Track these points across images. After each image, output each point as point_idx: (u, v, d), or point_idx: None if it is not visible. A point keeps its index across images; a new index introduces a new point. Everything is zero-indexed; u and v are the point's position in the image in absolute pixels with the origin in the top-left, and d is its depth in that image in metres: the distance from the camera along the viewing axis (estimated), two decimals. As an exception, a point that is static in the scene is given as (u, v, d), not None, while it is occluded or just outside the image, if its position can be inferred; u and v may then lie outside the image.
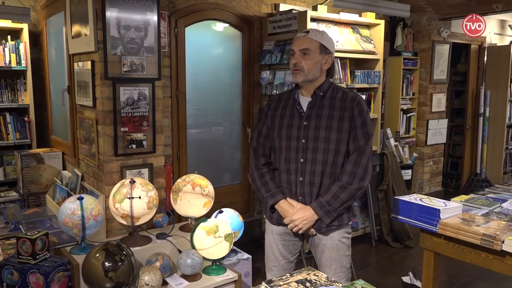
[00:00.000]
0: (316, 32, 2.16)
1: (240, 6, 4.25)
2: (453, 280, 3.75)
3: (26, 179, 3.48)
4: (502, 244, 1.81)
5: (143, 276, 2.29)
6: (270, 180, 2.22)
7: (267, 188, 2.21)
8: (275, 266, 2.29)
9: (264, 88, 4.20)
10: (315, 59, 2.13)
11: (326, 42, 2.15)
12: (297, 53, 2.14)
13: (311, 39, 2.13)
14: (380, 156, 4.68)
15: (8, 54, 3.71)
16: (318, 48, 2.13)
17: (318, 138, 2.11)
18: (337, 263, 2.20)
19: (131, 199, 2.54)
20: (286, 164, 2.18)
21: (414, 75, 5.65)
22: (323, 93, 2.17)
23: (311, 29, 2.18)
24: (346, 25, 4.41)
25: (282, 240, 2.26)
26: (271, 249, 2.30)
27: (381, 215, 4.57)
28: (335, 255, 2.19)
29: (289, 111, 2.20)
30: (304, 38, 2.14)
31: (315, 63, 2.13)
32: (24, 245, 2.25)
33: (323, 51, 2.15)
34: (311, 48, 2.12)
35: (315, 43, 2.13)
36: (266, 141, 2.27)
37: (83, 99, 2.99)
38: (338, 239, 2.19)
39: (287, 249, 2.27)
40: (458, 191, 6.20)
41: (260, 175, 2.25)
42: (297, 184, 2.16)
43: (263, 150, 2.28)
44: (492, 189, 2.65)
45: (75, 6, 2.94)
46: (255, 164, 2.29)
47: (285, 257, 2.28)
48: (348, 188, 2.08)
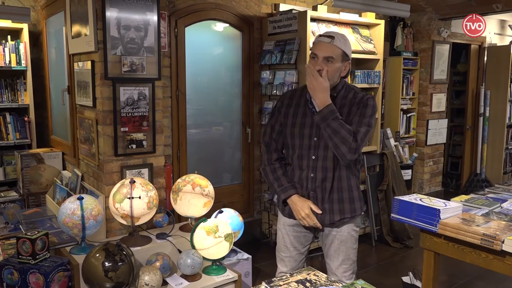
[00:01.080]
0: (340, 38, 2.11)
1: (240, 6, 4.25)
2: (453, 280, 3.74)
3: (26, 179, 3.47)
4: (502, 244, 1.81)
5: (143, 276, 2.29)
6: (282, 175, 2.27)
7: (279, 183, 2.26)
8: (286, 257, 2.34)
9: (264, 88, 4.20)
10: (337, 66, 2.11)
11: (347, 49, 2.13)
12: (320, 59, 2.09)
13: (335, 46, 2.08)
14: (380, 156, 4.68)
15: (8, 54, 3.71)
16: (340, 56, 2.11)
17: None
18: (345, 255, 2.25)
19: (131, 199, 2.54)
20: (299, 161, 2.22)
21: (414, 75, 5.65)
22: (336, 93, 2.18)
23: (336, 34, 2.11)
24: (346, 25, 4.41)
25: (293, 231, 2.32)
26: (283, 240, 2.35)
27: (381, 215, 4.57)
28: (344, 247, 2.25)
29: (301, 109, 2.22)
30: (329, 45, 2.08)
31: (337, 70, 2.12)
32: (24, 245, 2.25)
33: (344, 59, 2.13)
34: (335, 57, 2.09)
35: (339, 50, 2.09)
36: (279, 136, 2.30)
37: (83, 99, 2.99)
38: (347, 231, 2.24)
39: (298, 240, 2.32)
40: (458, 191, 6.20)
41: (273, 170, 2.29)
42: (309, 180, 2.20)
43: (275, 146, 2.31)
44: (492, 189, 2.65)
45: (75, 6, 2.94)
46: (267, 159, 2.32)
47: (296, 248, 2.33)
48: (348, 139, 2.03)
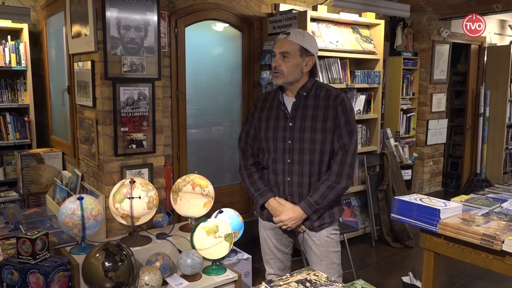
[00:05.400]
0: (297, 34, 2.13)
1: (240, 6, 4.25)
2: (453, 280, 3.75)
3: (26, 179, 3.47)
4: (502, 244, 1.81)
5: (143, 276, 2.29)
6: (258, 179, 2.26)
7: (256, 187, 2.25)
8: (272, 259, 2.35)
9: (264, 88, 4.20)
10: (295, 62, 2.11)
11: (306, 44, 2.13)
12: (277, 55, 2.13)
13: (291, 41, 2.11)
14: (380, 156, 4.68)
15: (8, 54, 3.71)
16: (298, 51, 2.11)
17: (304, 139, 2.12)
18: (328, 259, 2.22)
19: (131, 199, 2.54)
20: (274, 165, 2.20)
21: (414, 75, 5.65)
22: (306, 92, 2.17)
23: (292, 31, 2.15)
24: (346, 25, 4.41)
25: (275, 234, 2.31)
26: (266, 243, 2.35)
27: (381, 215, 4.57)
28: (325, 251, 2.22)
29: (274, 112, 2.21)
30: (284, 41, 2.13)
31: (295, 65, 2.12)
32: (24, 245, 2.25)
33: (303, 54, 2.13)
34: (291, 51, 2.11)
35: (295, 45, 2.11)
36: (254, 141, 2.29)
37: (83, 99, 2.99)
38: (326, 235, 2.21)
39: (280, 243, 2.32)
40: (458, 191, 6.21)
41: (249, 175, 2.29)
42: (285, 184, 2.19)
43: (251, 151, 2.30)
44: (492, 189, 2.65)
45: (75, 6, 2.94)
46: (243, 164, 2.32)
47: (280, 250, 2.33)
48: (336, 188, 2.12)
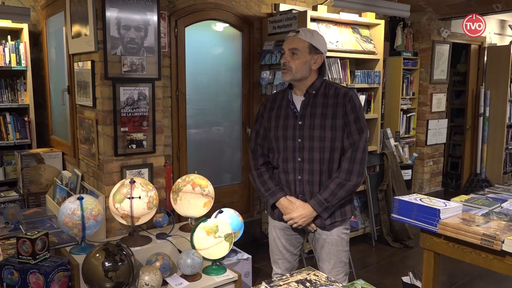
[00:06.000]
0: (306, 32, 2.17)
1: (240, 6, 4.25)
2: (453, 280, 3.74)
3: (26, 179, 3.48)
4: (502, 244, 1.81)
5: (143, 276, 2.29)
6: (269, 179, 2.27)
7: (267, 187, 2.26)
8: (280, 259, 2.36)
9: (264, 88, 4.20)
10: (304, 59, 2.15)
11: (316, 42, 2.16)
12: (286, 52, 2.17)
13: (300, 39, 2.15)
14: (380, 156, 4.68)
15: (8, 54, 3.71)
16: (307, 48, 2.15)
17: (313, 137, 2.14)
18: (337, 258, 2.25)
19: (131, 199, 2.54)
20: (284, 164, 2.21)
21: (414, 75, 5.65)
22: (315, 91, 2.19)
23: (302, 29, 2.19)
24: (346, 25, 4.41)
25: (284, 234, 2.32)
26: (275, 243, 2.36)
27: (381, 215, 4.57)
28: (335, 250, 2.24)
29: (283, 111, 2.23)
30: (293, 38, 2.17)
31: (304, 63, 2.15)
32: (24, 245, 2.25)
33: (312, 51, 2.16)
34: (300, 48, 2.14)
35: (304, 43, 2.14)
36: (264, 141, 2.31)
37: (83, 99, 2.99)
38: (337, 234, 2.23)
39: (290, 243, 2.33)
40: (458, 191, 6.20)
41: (259, 175, 2.30)
42: (296, 182, 2.19)
43: (261, 151, 2.32)
44: (492, 189, 2.65)
45: (75, 6, 2.94)
46: (254, 164, 2.34)
47: (289, 250, 2.34)
48: (346, 185, 2.12)
